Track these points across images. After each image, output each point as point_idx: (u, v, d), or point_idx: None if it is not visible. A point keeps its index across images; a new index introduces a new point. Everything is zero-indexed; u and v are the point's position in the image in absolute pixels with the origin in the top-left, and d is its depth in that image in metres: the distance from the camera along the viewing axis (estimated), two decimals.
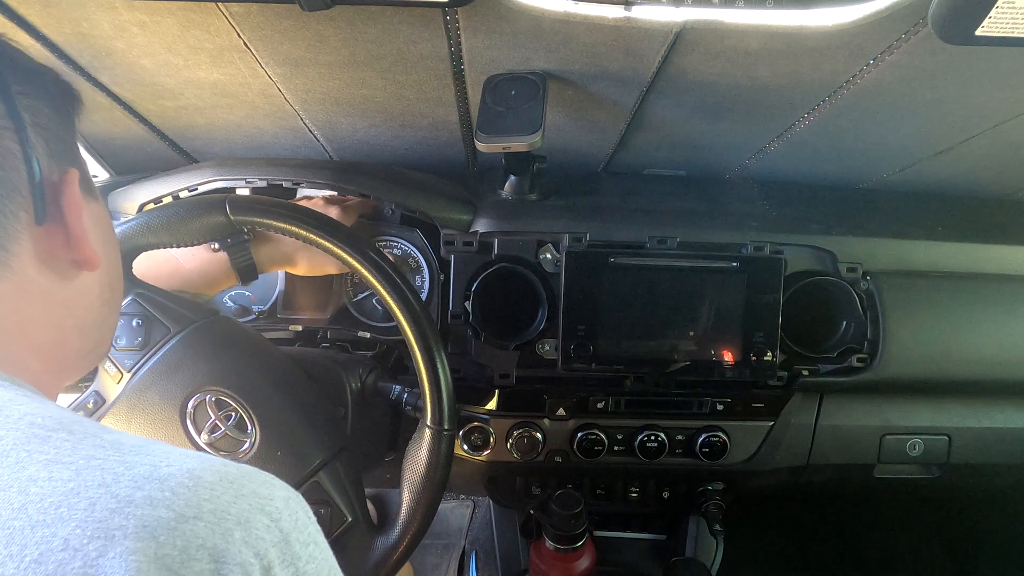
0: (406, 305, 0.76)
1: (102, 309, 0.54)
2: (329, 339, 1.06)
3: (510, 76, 0.74)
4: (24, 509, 0.31)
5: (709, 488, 1.10)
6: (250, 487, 0.36)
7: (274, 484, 0.38)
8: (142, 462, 0.34)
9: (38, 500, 0.32)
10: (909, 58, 0.65)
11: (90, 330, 0.53)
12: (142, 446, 0.36)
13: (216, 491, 0.34)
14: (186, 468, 0.35)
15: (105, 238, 0.54)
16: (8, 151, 0.44)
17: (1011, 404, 1.10)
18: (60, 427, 0.36)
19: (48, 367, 0.48)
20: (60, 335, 0.49)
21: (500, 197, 1.00)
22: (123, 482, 0.33)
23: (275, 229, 0.76)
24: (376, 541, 0.77)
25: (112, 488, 0.32)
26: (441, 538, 1.46)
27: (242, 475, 0.37)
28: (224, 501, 0.34)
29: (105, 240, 0.54)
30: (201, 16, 0.64)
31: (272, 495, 0.37)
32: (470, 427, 1.00)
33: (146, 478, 0.33)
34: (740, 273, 0.95)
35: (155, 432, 0.76)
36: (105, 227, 0.55)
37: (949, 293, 1.02)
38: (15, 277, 0.45)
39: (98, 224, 0.53)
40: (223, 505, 0.34)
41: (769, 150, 0.97)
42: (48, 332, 0.48)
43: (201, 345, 0.78)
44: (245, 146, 1.02)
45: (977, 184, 1.09)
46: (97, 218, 0.53)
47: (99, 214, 0.54)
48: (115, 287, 0.56)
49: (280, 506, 0.37)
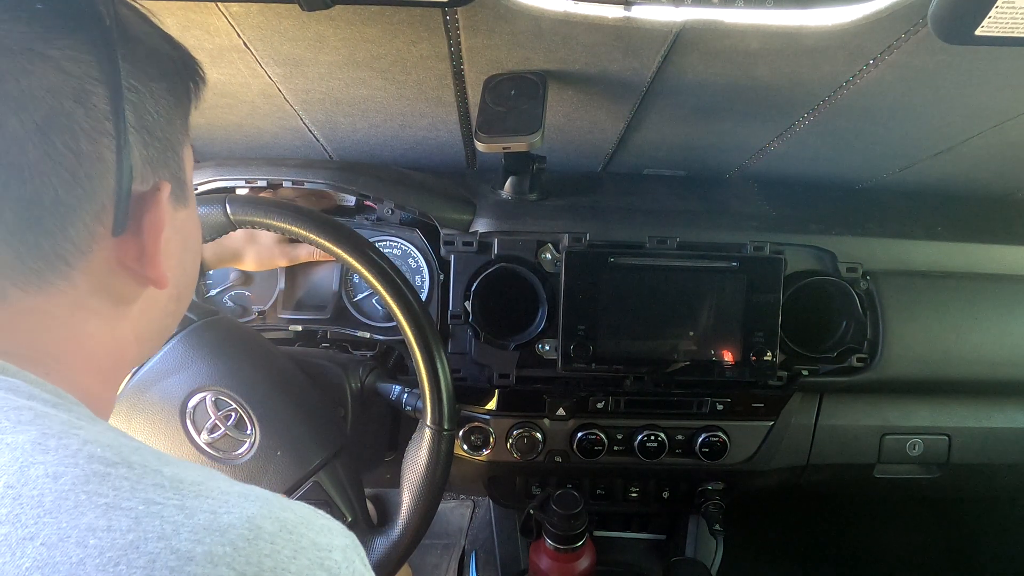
0: (406, 305, 0.76)
1: (165, 320, 0.51)
2: (329, 339, 1.06)
3: (510, 76, 0.74)
4: (83, 564, 0.30)
5: (709, 488, 1.10)
6: (309, 537, 0.35)
7: (332, 531, 0.37)
8: (202, 508, 0.33)
9: (97, 554, 0.30)
10: (909, 58, 0.65)
11: (149, 341, 0.51)
12: (202, 485, 0.35)
13: (276, 544, 0.33)
14: (246, 516, 0.33)
15: (186, 246, 0.50)
16: (100, 158, 0.40)
17: (1011, 404, 1.10)
18: (120, 460, 0.34)
19: (104, 381, 0.45)
20: (118, 348, 0.46)
21: (500, 197, 1.00)
22: (183, 534, 0.31)
23: (275, 228, 0.76)
24: (376, 541, 0.77)
25: (172, 542, 0.31)
26: (441, 538, 1.46)
27: (301, 522, 0.35)
28: (284, 557, 0.33)
29: (185, 249, 0.50)
30: (201, 16, 0.64)
31: (331, 545, 0.36)
32: (470, 427, 1.00)
33: (206, 529, 0.32)
34: (740, 273, 0.95)
35: (155, 432, 0.76)
36: (188, 236, 0.50)
37: (949, 293, 1.02)
38: (76, 291, 0.42)
39: (180, 233, 0.49)
40: (283, 562, 0.33)
41: (769, 150, 0.97)
42: (106, 346, 0.45)
43: (201, 345, 0.78)
44: (245, 146, 1.02)
45: (977, 184, 1.09)
46: (181, 227, 0.49)
47: (185, 222, 0.49)
48: (183, 298, 0.52)
49: (339, 559, 0.35)
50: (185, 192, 0.49)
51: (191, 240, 0.51)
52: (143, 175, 0.43)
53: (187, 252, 0.50)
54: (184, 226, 0.49)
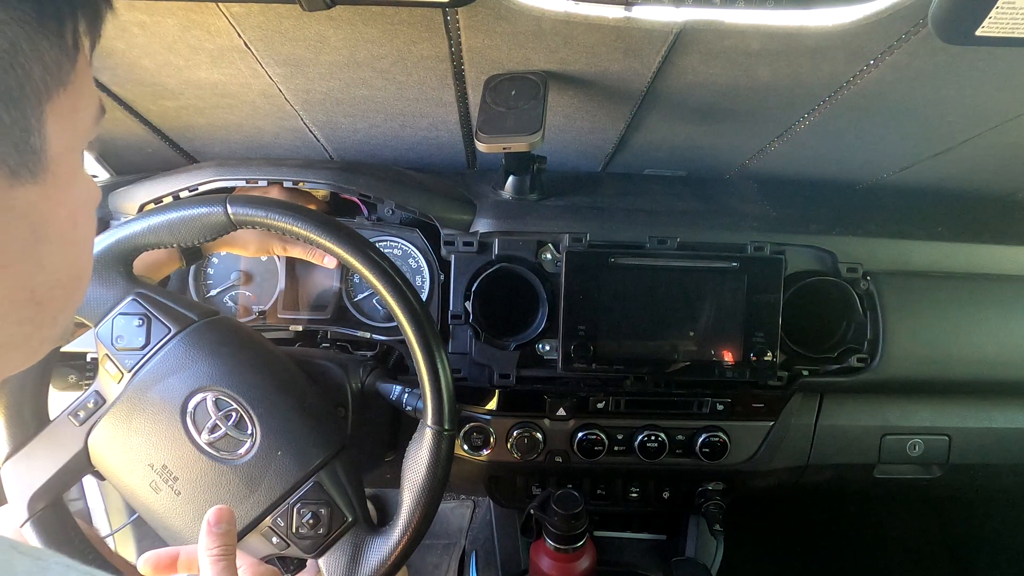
0: (407, 305, 0.76)
1: (17, 329, 0.38)
2: (329, 339, 1.06)
3: (510, 76, 0.74)
4: None
5: (709, 488, 1.10)
6: None
7: None
8: None
9: None
10: (909, 58, 0.65)
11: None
12: None
13: None
14: None
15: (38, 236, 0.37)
16: None
17: (1011, 404, 1.10)
18: None
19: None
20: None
21: (500, 197, 1.00)
22: None
23: (276, 228, 0.76)
24: (376, 541, 0.77)
25: None
26: (441, 538, 1.46)
27: None
28: None
29: (38, 240, 0.37)
30: (201, 16, 0.64)
31: None
32: (470, 427, 1.00)
33: None
34: (740, 273, 0.95)
35: (156, 432, 0.76)
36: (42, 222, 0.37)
37: (949, 293, 1.02)
38: None
39: (27, 219, 0.36)
40: None
41: (769, 150, 0.97)
42: None
43: (201, 345, 0.78)
44: (245, 146, 1.02)
45: (977, 184, 1.09)
46: (27, 211, 0.36)
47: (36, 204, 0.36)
48: (48, 301, 0.39)
49: None
50: (34, 164, 0.35)
51: (51, 227, 0.38)
52: None
53: (43, 244, 0.37)
54: (32, 210, 0.36)
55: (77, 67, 0.37)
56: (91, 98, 0.39)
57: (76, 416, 0.77)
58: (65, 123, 0.37)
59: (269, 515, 0.75)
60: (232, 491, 0.75)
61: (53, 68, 0.35)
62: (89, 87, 0.39)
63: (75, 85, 0.37)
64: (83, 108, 0.38)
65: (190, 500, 0.75)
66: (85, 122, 0.39)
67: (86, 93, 0.38)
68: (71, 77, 0.36)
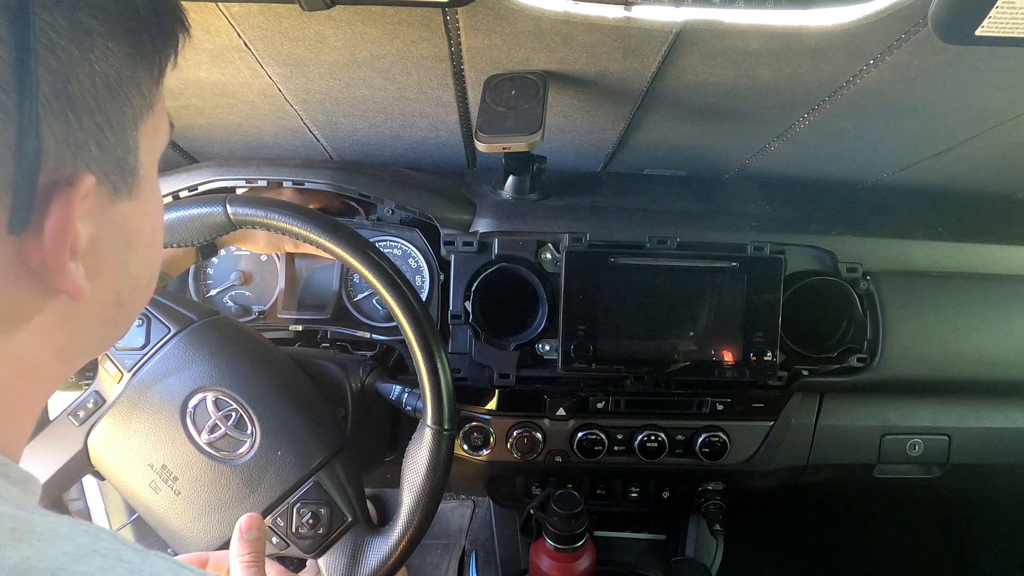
0: (406, 305, 0.76)
1: (102, 330, 0.42)
2: (329, 339, 1.06)
3: (510, 76, 0.74)
4: None
5: (709, 488, 1.10)
6: None
7: None
8: None
9: None
10: (909, 58, 0.65)
11: (79, 356, 0.42)
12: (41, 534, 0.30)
13: None
14: None
15: (130, 244, 0.40)
16: None
17: (1011, 404, 1.10)
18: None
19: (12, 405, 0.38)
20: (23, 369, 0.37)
21: (500, 197, 1.00)
22: None
23: (275, 228, 0.76)
24: (376, 541, 0.77)
25: None
26: (441, 538, 1.46)
27: None
28: None
29: (129, 248, 0.40)
30: (201, 16, 0.64)
31: None
32: (470, 427, 1.00)
33: None
34: (740, 273, 0.95)
35: (155, 432, 0.76)
36: (133, 233, 0.40)
37: (949, 293, 1.02)
38: None
39: (122, 230, 0.39)
40: None
41: (769, 150, 0.97)
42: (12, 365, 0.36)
43: (201, 345, 0.79)
44: (245, 146, 1.02)
45: (977, 184, 1.09)
46: (123, 223, 0.39)
47: (130, 217, 0.39)
48: (128, 304, 0.42)
49: None
50: (131, 181, 0.38)
51: (140, 237, 0.41)
52: (60, 160, 0.33)
53: (132, 252, 0.40)
54: (127, 222, 0.39)
55: (160, 90, 0.41)
56: (166, 116, 0.43)
57: (76, 416, 0.77)
58: (151, 142, 0.40)
59: (269, 515, 0.75)
60: (232, 491, 0.75)
61: (146, 93, 0.39)
62: (164, 106, 0.42)
63: (159, 107, 0.41)
64: (163, 126, 0.42)
65: (190, 500, 0.75)
66: (163, 139, 0.43)
67: (163, 112, 0.42)
68: (156, 99, 0.40)
